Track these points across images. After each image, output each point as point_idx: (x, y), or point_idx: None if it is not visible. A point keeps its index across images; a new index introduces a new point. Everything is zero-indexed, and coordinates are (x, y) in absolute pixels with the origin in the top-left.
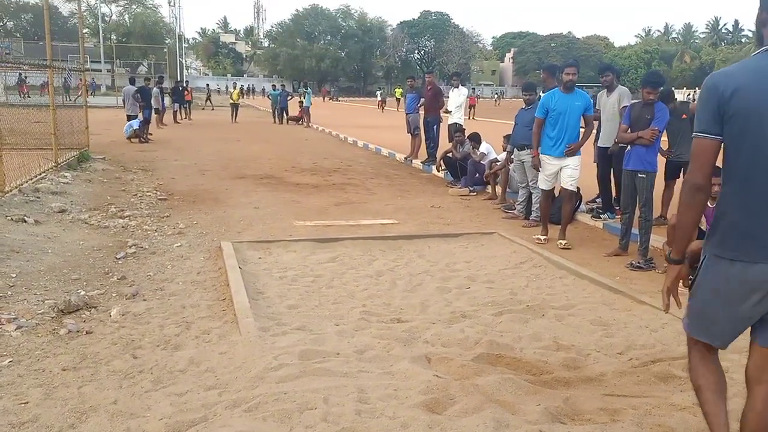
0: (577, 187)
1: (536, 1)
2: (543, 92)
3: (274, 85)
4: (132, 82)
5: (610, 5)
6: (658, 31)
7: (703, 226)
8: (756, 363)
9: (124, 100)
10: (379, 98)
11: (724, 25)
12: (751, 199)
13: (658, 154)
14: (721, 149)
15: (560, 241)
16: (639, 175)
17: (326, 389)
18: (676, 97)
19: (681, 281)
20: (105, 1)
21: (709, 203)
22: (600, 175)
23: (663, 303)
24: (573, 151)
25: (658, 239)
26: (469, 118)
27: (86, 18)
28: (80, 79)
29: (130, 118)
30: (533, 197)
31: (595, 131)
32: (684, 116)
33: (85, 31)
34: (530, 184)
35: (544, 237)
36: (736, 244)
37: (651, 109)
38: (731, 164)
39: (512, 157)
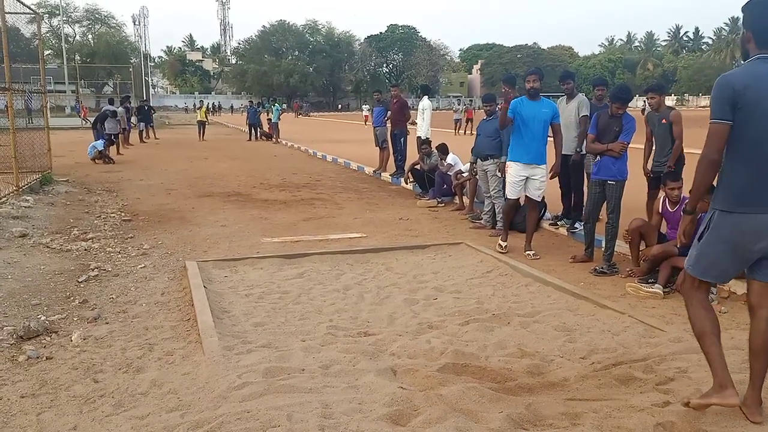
0: (542, 196)
1: (501, 13)
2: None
3: (259, 102)
4: (111, 102)
5: (574, 16)
6: (621, 39)
7: (663, 230)
8: (756, 294)
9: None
10: (365, 113)
11: (685, 33)
12: (755, 167)
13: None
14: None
15: (528, 252)
16: (609, 182)
17: (290, 406)
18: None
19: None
20: (68, 21)
21: (669, 207)
22: (559, 183)
23: (679, 242)
24: (556, 173)
25: (622, 245)
26: (465, 132)
27: (49, 39)
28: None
29: (108, 136)
30: (496, 206)
31: None
32: (664, 121)
33: (48, 52)
34: (492, 193)
35: (505, 244)
36: (741, 201)
37: (619, 122)
38: (737, 144)
39: (476, 167)
